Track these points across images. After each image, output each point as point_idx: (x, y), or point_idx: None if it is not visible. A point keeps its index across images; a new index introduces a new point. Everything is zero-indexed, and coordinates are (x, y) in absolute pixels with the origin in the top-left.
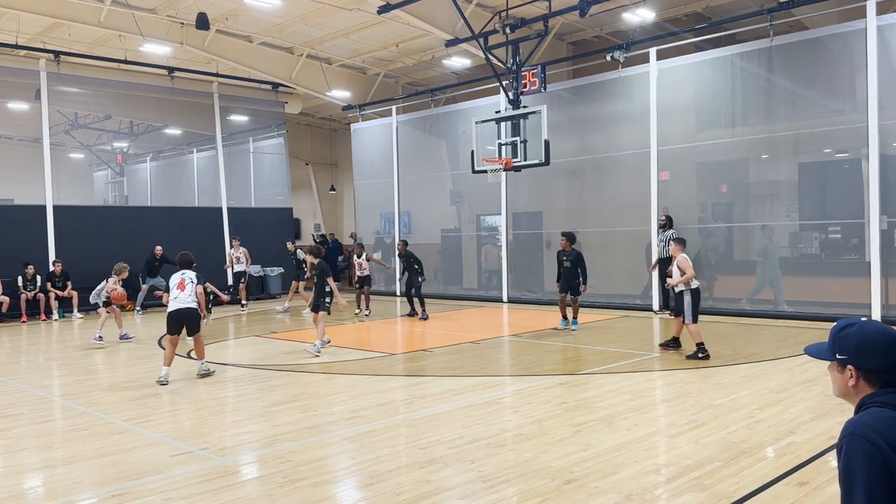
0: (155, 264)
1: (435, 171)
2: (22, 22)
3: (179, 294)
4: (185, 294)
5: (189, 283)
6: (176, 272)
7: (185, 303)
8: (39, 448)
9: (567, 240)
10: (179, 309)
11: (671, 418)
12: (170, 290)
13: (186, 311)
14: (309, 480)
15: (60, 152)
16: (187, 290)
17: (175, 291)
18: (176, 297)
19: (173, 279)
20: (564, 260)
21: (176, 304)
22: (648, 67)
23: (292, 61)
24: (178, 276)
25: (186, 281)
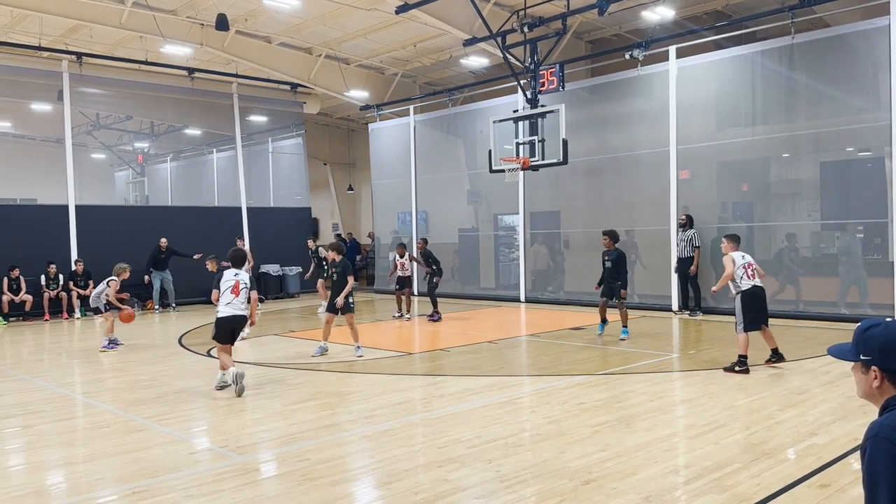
0: (161, 257)
1: (452, 171)
2: (45, 24)
3: (234, 299)
4: (240, 300)
5: (244, 288)
6: (228, 271)
7: (238, 309)
8: (61, 445)
9: (610, 238)
10: (235, 315)
11: (691, 419)
12: (220, 292)
13: (241, 318)
14: (327, 479)
15: (82, 153)
16: (242, 294)
17: (228, 295)
18: (229, 302)
19: (226, 281)
20: (606, 260)
21: (230, 310)
22: (668, 66)
23: (311, 62)
24: (232, 278)
25: (241, 285)
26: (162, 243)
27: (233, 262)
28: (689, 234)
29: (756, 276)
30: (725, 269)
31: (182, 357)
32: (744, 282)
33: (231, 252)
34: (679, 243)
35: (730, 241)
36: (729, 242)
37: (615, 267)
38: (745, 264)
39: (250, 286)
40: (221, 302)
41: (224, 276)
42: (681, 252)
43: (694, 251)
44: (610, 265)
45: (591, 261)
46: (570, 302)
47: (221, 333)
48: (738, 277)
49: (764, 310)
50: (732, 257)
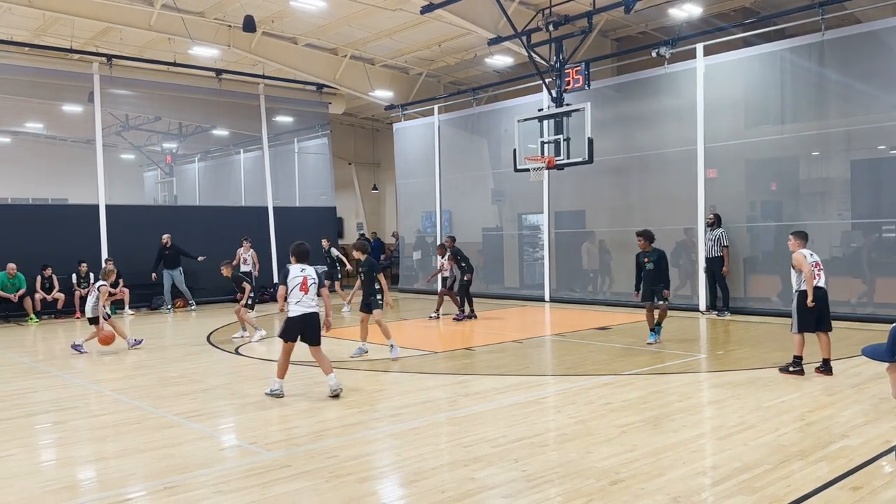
0: (165, 253)
1: (477, 170)
2: (76, 27)
3: (303, 297)
4: (310, 297)
5: (312, 284)
6: (294, 266)
7: (309, 307)
8: (93, 441)
9: (645, 239)
10: (306, 314)
11: (719, 420)
12: (288, 289)
13: (312, 316)
14: (354, 476)
15: (112, 153)
16: (311, 291)
17: (297, 293)
18: (299, 301)
19: (294, 277)
20: (646, 262)
21: (301, 309)
22: (695, 63)
23: (336, 62)
24: (299, 274)
25: (309, 280)
26: (164, 239)
27: (298, 256)
28: (716, 234)
29: (820, 278)
30: (802, 269)
31: (211, 354)
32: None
33: (295, 246)
34: (707, 243)
35: (797, 238)
36: (796, 239)
37: (656, 268)
38: (813, 263)
39: (319, 281)
40: (291, 301)
41: (290, 271)
42: (709, 252)
43: (722, 250)
44: (652, 266)
45: (617, 260)
46: (596, 302)
47: (289, 333)
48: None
49: (825, 313)
50: (803, 254)
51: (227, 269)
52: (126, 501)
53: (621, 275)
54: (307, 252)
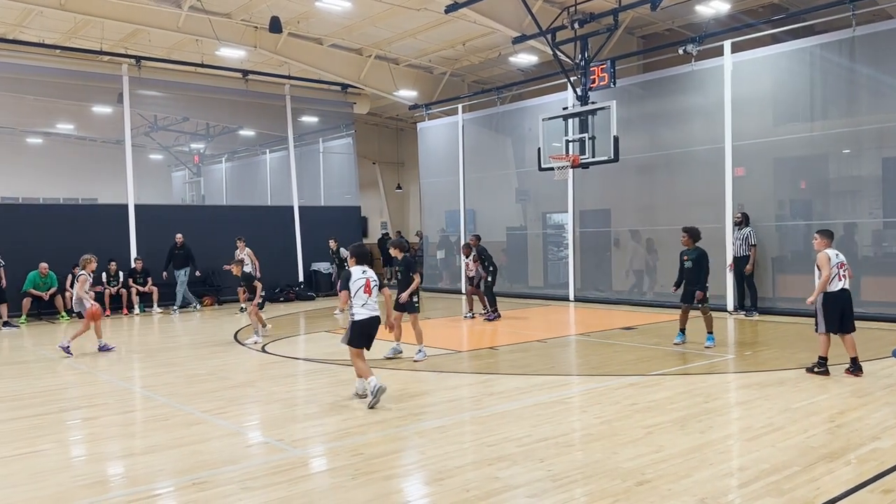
0: (176, 252)
1: (500, 169)
2: (106, 29)
3: (368, 299)
4: (374, 299)
5: (374, 285)
6: (356, 268)
7: (375, 310)
8: (123, 437)
9: (689, 236)
10: (373, 317)
11: (747, 421)
12: (352, 293)
13: (377, 319)
14: (380, 474)
15: (141, 153)
16: (374, 293)
17: (362, 296)
18: (365, 303)
19: (356, 280)
20: (686, 260)
21: (367, 312)
22: (722, 60)
23: (361, 62)
24: (361, 276)
25: (372, 282)
26: (178, 239)
27: (358, 258)
28: (744, 233)
29: (846, 279)
30: (821, 270)
31: (238, 353)
32: (833, 283)
33: (355, 248)
34: (735, 242)
35: (823, 237)
36: (822, 238)
37: (696, 267)
38: (838, 264)
39: (379, 282)
40: (356, 304)
41: (352, 274)
42: (736, 251)
43: (750, 249)
44: (691, 265)
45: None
46: (621, 301)
47: (358, 337)
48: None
49: (848, 315)
50: (827, 255)
51: (237, 268)
52: (155, 497)
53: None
54: (367, 253)
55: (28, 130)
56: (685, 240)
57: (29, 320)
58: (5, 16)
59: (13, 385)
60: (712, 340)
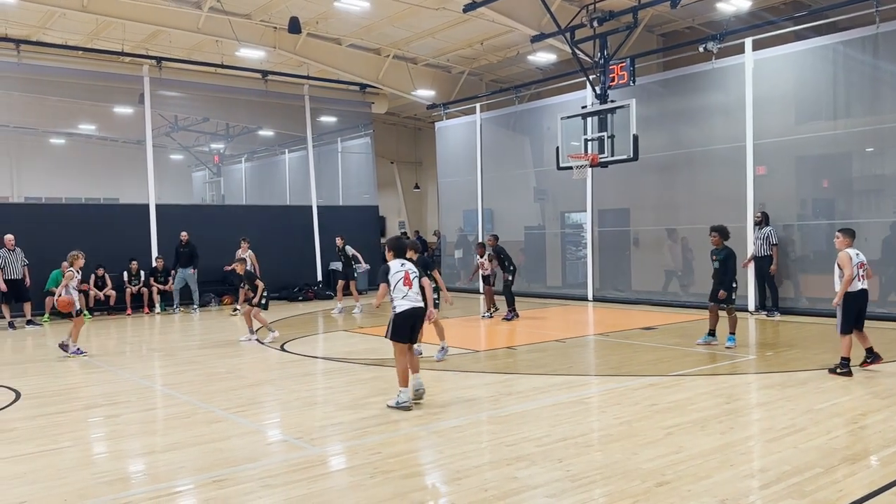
0: (181, 250)
1: (519, 168)
2: (127, 30)
3: (409, 291)
4: (414, 291)
5: (415, 277)
6: (394, 262)
7: (416, 301)
8: (144, 434)
9: (719, 235)
10: (414, 308)
11: (768, 422)
12: (391, 286)
13: (419, 310)
14: (398, 472)
15: (161, 153)
16: (415, 285)
17: (402, 288)
18: (405, 296)
19: (395, 273)
20: (714, 259)
21: (407, 304)
22: (744, 58)
23: (379, 62)
24: (400, 269)
25: (411, 274)
26: (182, 237)
27: (396, 251)
28: (765, 232)
29: (865, 279)
30: (843, 269)
31: (257, 351)
32: (853, 283)
33: (392, 241)
34: (756, 241)
35: (845, 235)
36: (844, 237)
37: (723, 267)
38: (858, 263)
39: (420, 274)
40: (395, 297)
41: (391, 267)
42: (758, 250)
43: (772, 249)
44: (718, 265)
45: (662, 260)
46: (640, 301)
47: (400, 331)
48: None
49: (863, 313)
50: (849, 254)
51: (240, 266)
52: (176, 494)
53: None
54: (405, 247)
55: (51, 131)
56: (715, 239)
57: (52, 319)
58: (29, 18)
59: (36, 382)
60: (733, 341)
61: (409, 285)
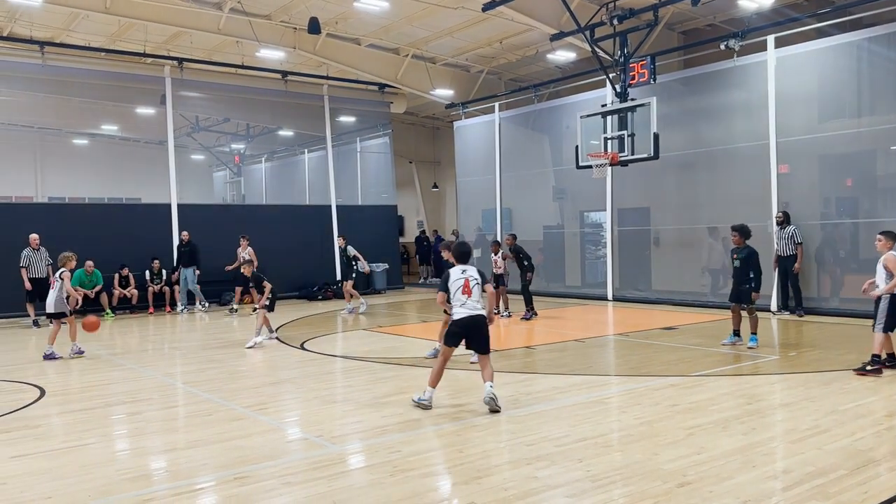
0: (182, 249)
1: (537, 168)
2: (149, 32)
3: (467, 300)
4: (474, 299)
5: (475, 285)
6: (455, 269)
7: (475, 309)
8: (166, 431)
9: (740, 234)
10: (473, 316)
11: (791, 423)
12: (451, 293)
13: (478, 318)
14: (418, 471)
15: (183, 154)
16: (475, 292)
17: (460, 296)
18: (463, 304)
19: (455, 280)
20: (734, 258)
21: (465, 311)
22: (766, 55)
23: (398, 62)
24: (460, 276)
25: (472, 282)
26: (183, 236)
27: (458, 258)
28: (788, 231)
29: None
30: (893, 271)
31: (277, 349)
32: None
33: (456, 247)
34: (780, 241)
35: (888, 237)
36: (887, 239)
37: (744, 267)
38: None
39: (482, 280)
40: (454, 304)
41: (451, 274)
42: (782, 250)
43: (796, 248)
44: (739, 264)
45: (683, 259)
46: (661, 301)
47: (452, 338)
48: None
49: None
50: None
51: (247, 268)
52: (198, 491)
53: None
54: (468, 253)
55: (74, 132)
56: (736, 238)
57: (75, 317)
58: (53, 20)
59: (60, 380)
60: (755, 341)
61: (468, 293)
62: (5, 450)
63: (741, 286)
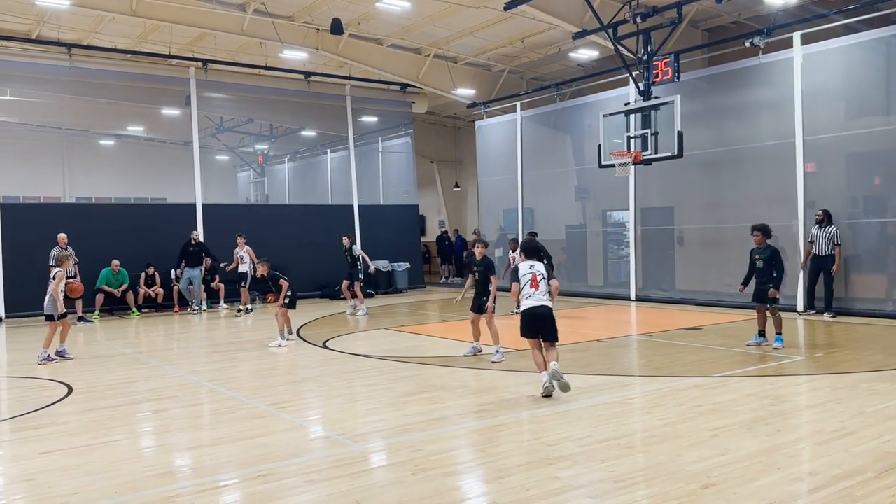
0: (190, 250)
1: (559, 167)
2: (174, 33)
3: (534, 293)
4: (541, 292)
5: (542, 280)
6: (523, 264)
7: (541, 301)
8: (191, 429)
9: (762, 234)
10: (536, 306)
11: (817, 425)
12: (521, 286)
13: (543, 309)
14: (439, 470)
15: (207, 154)
16: (542, 286)
17: (528, 290)
18: (529, 297)
19: (524, 275)
20: (757, 259)
21: (531, 303)
22: (792, 52)
23: (420, 62)
24: (528, 271)
25: (539, 277)
26: (193, 236)
27: (527, 253)
28: (829, 231)
29: None
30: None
31: (300, 348)
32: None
33: (524, 243)
34: (818, 240)
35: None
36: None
37: (767, 267)
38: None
39: (548, 275)
40: (522, 297)
41: (520, 269)
42: (821, 250)
43: (834, 249)
44: (762, 265)
45: (708, 258)
46: (684, 301)
47: (525, 329)
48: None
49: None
50: None
51: (262, 268)
52: (222, 488)
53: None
54: (535, 249)
55: (101, 133)
56: (758, 238)
57: (101, 316)
58: (80, 22)
59: (88, 378)
60: (781, 341)
61: (535, 287)
62: (34, 446)
63: (765, 286)
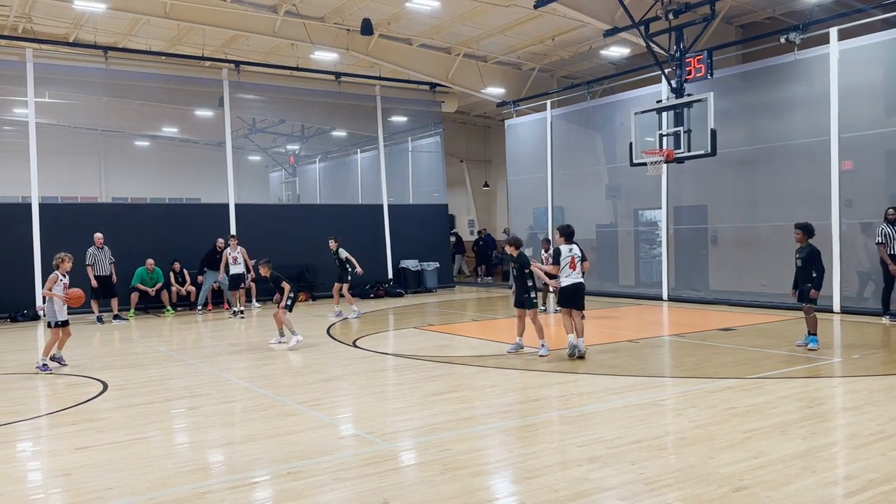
0: (216, 257)
1: (590, 165)
2: (207, 35)
3: (572, 272)
4: (577, 272)
5: (578, 261)
6: (564, 246)
7: (577, 278)
8: (223, 426)
9: (803, 232)
10: (575, 283)
11: (854, 428)
12: (561, 267)
13: (579, 285)
14: (467, 470)
15: (240, 155)
16: (578, 267)
17: (567, 269)
18: (569, 275)
19: (564, 257)
20: (797, 258)
21: (570, 280)
22: (828, 48)
23: (449, 61)
24: (568, 254)
25: (576, 259)
26: (219, 243)
27: (566, 237)
28: None
29: None
30: None
31: (330, 347)
32: None
33: (564, 227)
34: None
35: None
36: None
37: (806, 266)
38: None
39: (582, 257)
40: (562, 275)
41: (562, 252)
42: (893, 249)
43: None
44: (800, 263)
45: (741, 258)
46: (718, 301)
47: (564, 300)
48: None
49: None
50: None
51: (265, 268)
52: (253, 485)
53: (745, 272)
54: (573, 233)
55: (136, 134)
56: (798, 236)
57: (137, 314)
58: (116, 26)
59: (123, 375)
60: (816, 342)
61: (573, 267)
62: (70, 441)
63: (803, 285)
